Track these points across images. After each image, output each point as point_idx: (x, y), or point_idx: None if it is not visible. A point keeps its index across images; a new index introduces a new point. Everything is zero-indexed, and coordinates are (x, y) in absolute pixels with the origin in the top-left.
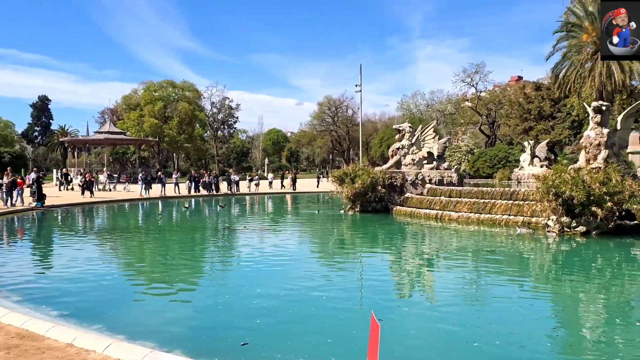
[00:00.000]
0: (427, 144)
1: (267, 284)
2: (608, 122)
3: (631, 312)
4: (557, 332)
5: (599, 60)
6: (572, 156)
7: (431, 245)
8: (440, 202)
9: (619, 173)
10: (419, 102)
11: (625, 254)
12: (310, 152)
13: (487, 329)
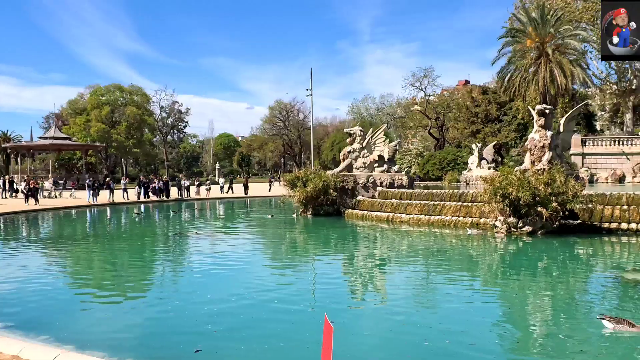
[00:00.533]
0: (378, 148)
1: (218, 290)
2: (552, 125)
3: (576, 309)
4: (505, 330)
5: (542, 65)
6: (518, 158)
7: (383, 247)
8: (391, 204)
9: (562, 174)
10: (370, 105)
11: (569, 252)
12: (262, 157)
13: (437, 328)
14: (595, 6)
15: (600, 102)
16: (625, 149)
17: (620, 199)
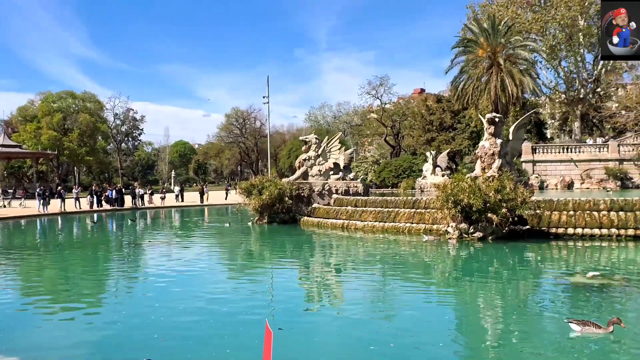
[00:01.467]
0: (334, 155)
1: (170, 300)
2: (502, 132)
3: (526, 312)
4: (453, 334)
5: (494, 74)
6: (471, 165)
7: (338, 254)
8: (346, 211)
9: (512, 181)
10: (327, 113)
11: (519, 257)
12: (218, 164)
13: (386, 332)
14: (544, 18)
15: (550, 111)
16: (573, 156)
17: (567, 205)
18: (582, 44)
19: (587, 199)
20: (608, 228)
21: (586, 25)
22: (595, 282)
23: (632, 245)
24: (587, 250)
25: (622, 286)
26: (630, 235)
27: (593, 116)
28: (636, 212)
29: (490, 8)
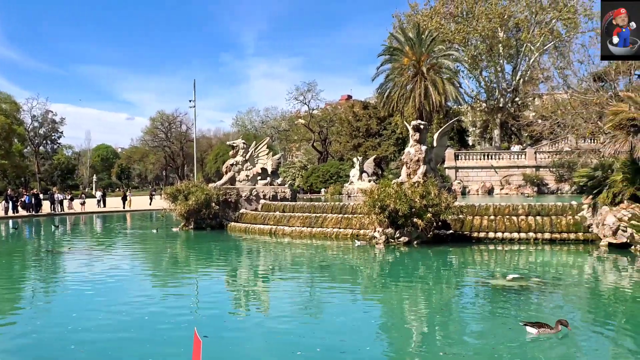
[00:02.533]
0: (261, 160)
1: (90, 309)
2: (426, 139)
3: (450, 314)
4: (380, 336)
5: (419, 82)
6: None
7: (265, 260)
8: (274, 217)
9: (436, 187)
10: (254, 118)
11: (443, 260)
12: (143, 169)
13: (313, 337)
14: (466, 29)
15: (471, 119)
16: (493, 163)
17: (488, 209)
18: (501, 55)
19: (507, 204)
20: (526, 232)
21: (505, 37)
22: (514, 284)
23: (548, 248)
24: (507, 253)
25: (539, 287)
26: (546, 239)
27: (512, 124)
28: (552, 216)
29: (415, 18)
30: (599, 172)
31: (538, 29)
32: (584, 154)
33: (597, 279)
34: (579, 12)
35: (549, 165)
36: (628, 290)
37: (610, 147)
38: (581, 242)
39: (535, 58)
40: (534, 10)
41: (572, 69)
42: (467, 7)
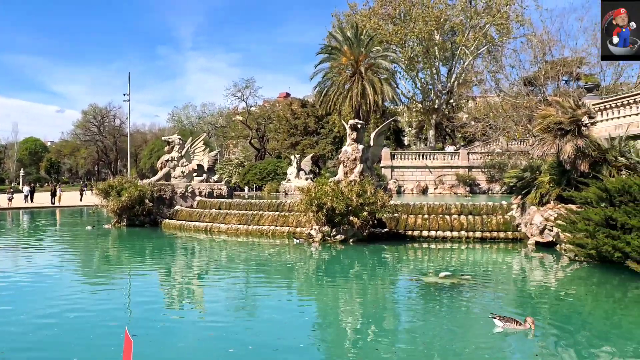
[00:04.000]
0: (197, 157)
1: (15, 312)
2: (363, 138)
3: (384, 311)
4: (314, 334)
5: (356, 82)
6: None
7: (201, 258)
8: (210, 214)
9: (372, 185)
10: (191, 114)
11: (378, 258)
12: (74, 164)
13: (246, 335)
14: (404, 30)
15: (407, 119)
16: (428, 163)
17: (422, 208)
18: (437, 57)
19: (440, 204)
20: (458, 231)
21: (441, 40)
22: (446, 281)
23: (479, 247)
24: (440, 251)
25: (470, 285)
26: (477, 237)
27: (446, 125)
28: (482, 215)
29: (354, 18)
30: (528, 174)
31: (472, 33)
32: (514, 155)
33: (525, 276)
34: (511, 18)
35: (481, 165)
36: (553, 287)
37: (538, 149)
38: (510, 240)
39: (469, 61)
40: (469, 15)
41: (504, 73)
42: (405, 9)
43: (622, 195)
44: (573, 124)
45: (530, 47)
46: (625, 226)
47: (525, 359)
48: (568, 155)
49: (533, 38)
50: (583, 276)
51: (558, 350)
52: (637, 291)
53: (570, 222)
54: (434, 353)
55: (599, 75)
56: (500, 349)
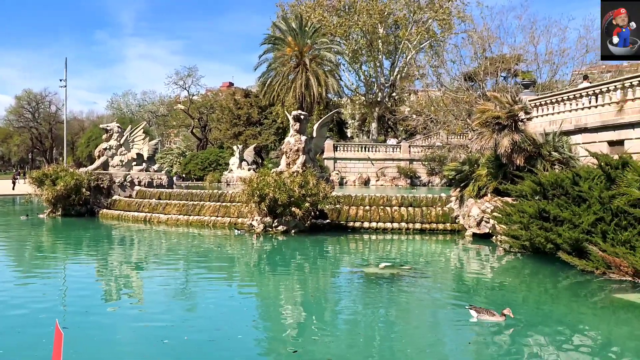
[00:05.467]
0: (137, 145)
1: None
2: (306, 130)
3: (324, 302)
4: (253, 325)
5: (300, 73)
6: (276, 160)
7: (139, 249)
8: (149, 204)
9: (315, 177)
10: (131, 101)
11: (319, 249)
12: (6, 151)
13: (183, 326)
14: (348, 22)
15: (350, 111)
16: (370, 155)
17: (363, 200)
18: (380, 50)
19: (382, 195)
20: (399, 222)
21: (385, 34)
22: (386, 272)
23: (419, 238)
24: (380, 242)
25: (409, 275)
26: (417, 229)
27: (388, 118)
28: (422, 207)
29: (299, 8)
30: (467, 167)
31: (415, 27)
32: (453, 149)
33: (462, 266)
34: (453, 14)
35: (421, 158)
36: (488, 277)
37: (477, 143)
38: (449, 232)
39: (412, 55)
40: (412, 9)
41: (445, 67)
42: (350, 1)
43: (554, 188)
44: (510, 119)
45: (471, 43)
46: (557, 218)
47: (459, 346)
48: (505, 149)
49: (474, 34)
50: (517, 266)
51: (493, 338)
52: (567, 281)
53: (505, 215)
54: (373, 342)
55: (535, 73)
56: (436, 337)
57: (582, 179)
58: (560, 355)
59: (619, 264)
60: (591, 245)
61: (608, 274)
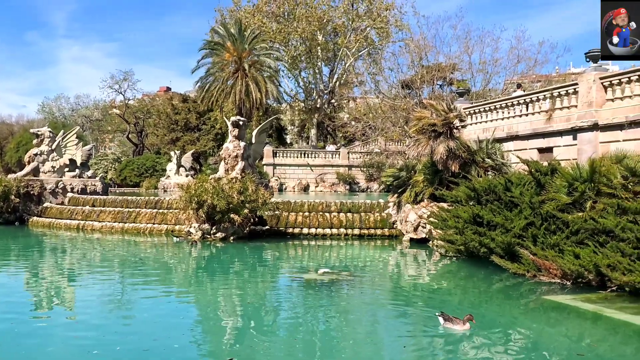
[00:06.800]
0: (70, 151)
1: None
2: (245, 136)
3: (263, 309)
4: (190, 334)
5: (240, 79)
6: (215, 166)
7: (72, 258)
8: (82, 211)
9: (254, 183)
10: (63, 105)
11: (258, 256)
12: None
13: (116, 336)
14: (287, 29)
15: (290, 118)
16: (309, 161)
17: (302, 206)
18: (320, 57)
19: (321, 201)
20: (338, 228)
21: (324, 41)
22: (325, 278)
23: (357, 243)
24: (320, 248)
25: (348, 280)
26: (355, 235)
27: (328, 125)
28: (361, 213)
29: (238, 14)
30: (404, 173)
31: (354, 35)
32: (391, 155)
33: (400, 271)
34: (391, 22)
35: (360, 165)
36: (425, 281)
37: (413, 149)
38: (387, 237)
39: (350, 63)
40: (350, 17)
41: (383, 75)
42: (289, 8)
43: (488, 194)
44: (445, 126)
45: (408, 52)
46: (490, 223)
47: (396, 350)
48: (440, 156)
49: (411, 43)
50: (452, 270)
51: (429, 340)
52: (500, 284)
53: (441, 220)
54: (312, 348)
55: (469, 81)
56: (374, 341)
57: (513, 185)
58: (494, 355)
59: (548, 267)
60: (522, 249)
61: (538, 277)
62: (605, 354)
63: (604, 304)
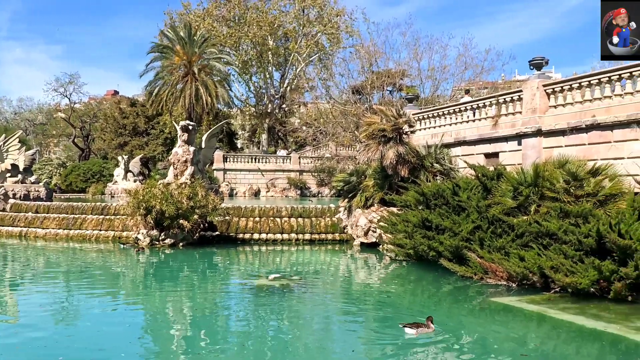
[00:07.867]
0: (12, 156)
1: None
2: (195, 140)
3: (214, 316)
4: (138, 343)
5: (189, 83)
6: (164, 172)
7: (14, 266)
8: (25, 218)
9: (204, 188)
10: (5, 108)
11: (208, 262)
12: None
13: (59, 346)
14: (238, 33)
15: (241, 122)
16: (260, 166)
17: (253, 211)
18: (271, 62)
19: (272, 206)
20: (289, 233)
21: (275, 46)
22: (276, 283)
23: (308, 248)
24: (271, 253)
25: (299, 285)
26: (306, 239)
27: (279, 130)
28: (312, 218)
29: (187, 17)
30: (354, 178)
31: (305, 40)
32: (342, 160)
33: (350, 275)
34: (342, 28)
35: (311, 170)
36: (376, 284)
37: (364, 154)
38: (338, 242)
39: (301, 68)
40: (301, 23)
41: (334, 80)
42: (240, 12)
43: (436, 198)
44: (395, 131)
45: (359, 58)
46: (439, 227)
47: (345, 351)
48: (390, 161)
49: (361, 49)
50: (402, 274)
51: (380, 344)
52: (449, 286)
53: (391, 224)
54: (264, 355)
55: (419, 87)
56: (324, 346)
57: (461, 190)
58: (443, 357)
59: (495, 270)
60: (470, 252)
61: (485, 279)
62: (548, 353)
63: (547, 305)
